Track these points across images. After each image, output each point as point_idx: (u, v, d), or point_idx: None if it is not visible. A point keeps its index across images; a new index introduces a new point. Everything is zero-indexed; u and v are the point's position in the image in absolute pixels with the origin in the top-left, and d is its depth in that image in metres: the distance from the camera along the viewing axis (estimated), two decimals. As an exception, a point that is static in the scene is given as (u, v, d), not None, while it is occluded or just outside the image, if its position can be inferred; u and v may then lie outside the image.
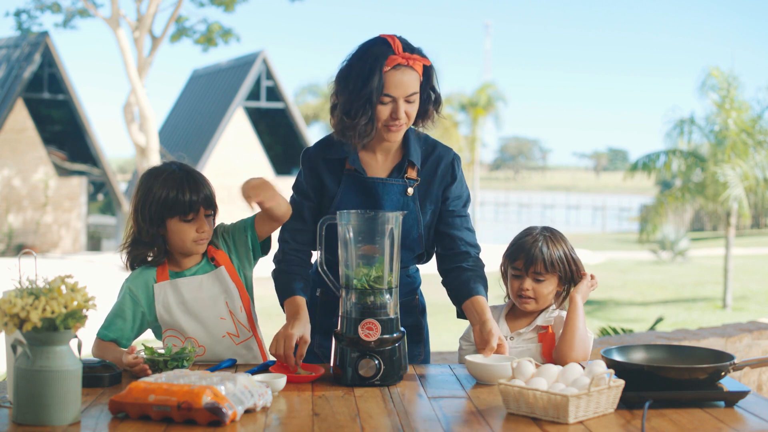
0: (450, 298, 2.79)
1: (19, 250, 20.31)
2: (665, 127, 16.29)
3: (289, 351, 2.47)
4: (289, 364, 2.47)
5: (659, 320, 7.12)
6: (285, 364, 2.49)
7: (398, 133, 2.65)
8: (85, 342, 2.16)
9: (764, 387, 4.92)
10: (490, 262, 2.88)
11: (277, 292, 2.70)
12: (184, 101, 28.63)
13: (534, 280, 2.71)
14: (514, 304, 2.78)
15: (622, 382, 2.14)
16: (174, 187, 2.63)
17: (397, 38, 2.59)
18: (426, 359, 2.90)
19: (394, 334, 2.41)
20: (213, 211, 2.71)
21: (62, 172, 22.27)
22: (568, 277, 2.74)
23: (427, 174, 2.75)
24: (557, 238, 2.75)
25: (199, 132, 25.61)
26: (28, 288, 1.99)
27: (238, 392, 2.06)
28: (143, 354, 2.45)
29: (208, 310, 2.69)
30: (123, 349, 2.64)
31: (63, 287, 1.99)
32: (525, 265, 2.71)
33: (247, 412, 2.09)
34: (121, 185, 25.83)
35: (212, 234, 2.73)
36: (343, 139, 2.66)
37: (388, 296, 2.42)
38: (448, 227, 2.78)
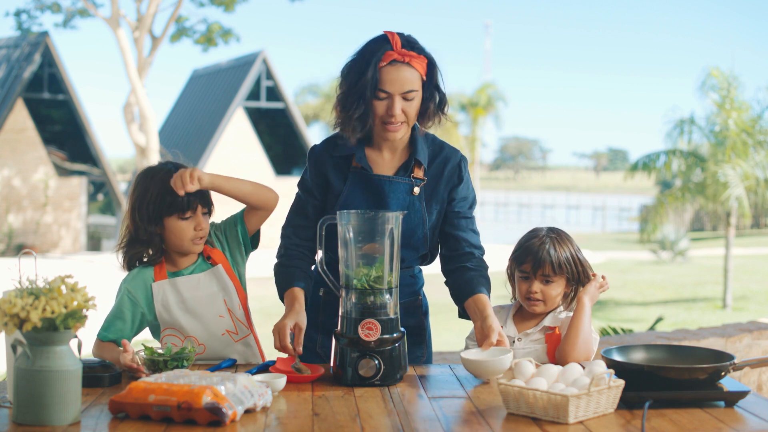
0: (452, 298, 2.79)
1: (19, 250, 20.31)
2: (665, 127, 16.30)
3: (284, 341, 2.49)
4: (288, 353, 2.49)
5: (659, 320, 7.12)
6: (285, 364, 2.50)
7: (397, 131, 2.64)
8: (85, 342, 2.16)
9: (764, 387, 4.92)
10: (490, 262, 2.87)
11: (277, 287, 2.71)
12: (184, 101, 28.61)
13: (542, 283, 2.70)
14: (521, 305, 2.78)
15: (622, 382, 2.14)
16: (171, 185, 2.63)
17: (398, 35, 2.59)
18: (428, 360, 2.89)
19: (394, 334, 2.41)
20: (209, 210, 2.72)
21: (62, 172, 22.26)
22: (575, 278, 2.73)
23: (433, 174, 2.74)
24: (564, 239, 2.74)
25: (199, 132, 25.60)
26: (28, 288, 1.99)
27: (238, 392, 2.06)
28: (143, 354, 2.45)
29: (206, 308, 2.69)
30: (121, 349, 2.65)
31: (63, 287, 1.99)
32: (533, 267, 2.69)
33: (247, 412, 2.09)
34: (121, 185, 25.83)
35: (207, 234, 2.74)
36: (340, 132, 2.68)
37: (388, 296, 2.42)
38: (454, 228, 2.78)
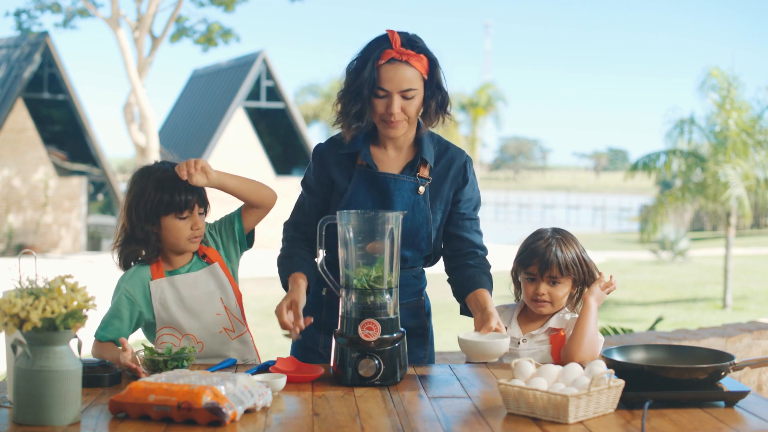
0: (454, 295, 2.79)
1: (19, 250, 20.31)
2: (665, 127, 16.31)
3: (282, 318, 2.53)
4: (288, 329, 2.54)
5: (659, 320, 7.12)
6: (285, 364, 2.50)
7: (396, 129, 2.65)
8: (85, 342, 2.16)
9: (764, 387, 4.92)
10: (490, 262, 2.86)
11: (280, 278, 2.74)
12: (184, 101, 28.61)
13: (549, 284, 2.70)
14: (525, 306, 2.78)
15: (622, 382, 2.14)
16: (169, 184, 2.65)
17: (399, 34, 2.60)
18: (430, 361, 2.88)
19: (394, 334, 2.41)
20: (205, 209, 2.73)
21: (62, 172, 22.26)
22: (581, 279, 2.73)
23: (438, 174, 2.75)
24: (569, 240, 2.74)
25: (199, 132, 25.60)
26: (28, 288, 1.99)
27: (238, 392, 2.06)
28: (143, 354, 2.45)
29: (204, 306, 2.70)
30: (120, 348, 2.65)
31: (63, 287, 1.99)
32: (540, 269, 2.69)
33: (247, 412, 2.09)
34: (121, 185, 25.78)
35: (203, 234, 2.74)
36: (339, 127, 2.70)
37: (388, 296, 2.42)
38: (458, 229, 2.79)
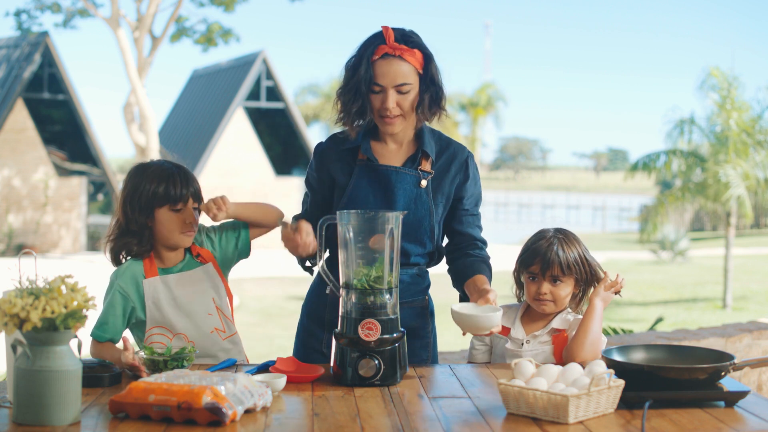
0: (454, 285, 2.81)
1: (19, 250, 20.30)
2: (665, 127, 16.31)
3: (289, 235, 2.57)
4: (304, 242, 2.57)
5: (659, 320, 7.11)
6: (285, 364, 2.49)
7: (393, 124, 2.67)
8: (85, 342, 2.16)
9: (764, 387, 4.92)
10: (491, 261, 2.86)
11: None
12: (184, 101, 28.61)
13: (551, 283, 2.70)
14: (528, 307, 2.78)
15: (622, 382, 2.14)
16: (164, 178, 2.68)
17: (393, 29, 2.63)
18: (432, 363, 2.87)
19: (394, 334, 2.41)
20: (199, 206, 2.73)
21: (62, 172, 22.26)
22: (584, 279, 2.73)
23: (440, 168, 2.77)
24: (571, 239, 2.74)
25: (199, 132, 25.59)
26: (28, 288, 1.99)
27: (238, 392, 2.06)
28: (143, 354, 2.45)
29: (197, 306, 2.70)
30: (120, 348, 2.64)
31: (63, 287, 1.99)
32: (542, 269, 2.70)
33: (247, 412, 2.09)
34: (121, 185, 25.80)
35: (197, 230, 2.75)
36: (341, 125, 2.72)
37: (388, 296, 2.42)
38: (460, 225, 2.82)
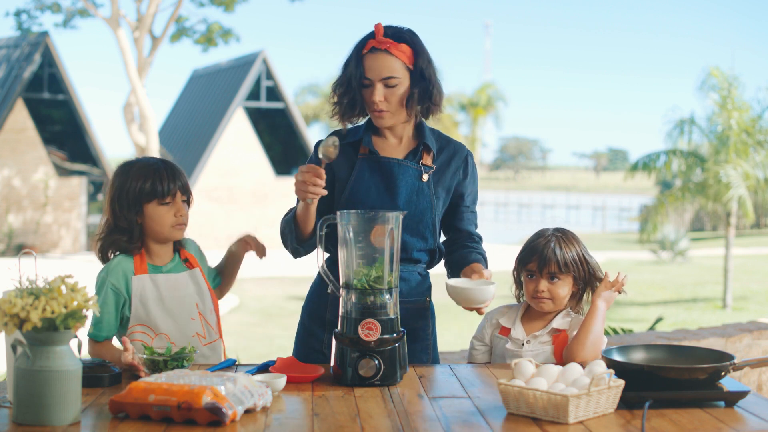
0: (450, 275, 2.82)
1: (19, 250, 20.30)
2: (665, 127, 16.32)
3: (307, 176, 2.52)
4: (316, 174, 2.52)
5: (659, 320, 7.11)
6: (285, 364, 2.49)
7: (382, 119, 2.71)
8: (85, 342, 2.17)
9: (764, 387, 4.92)
10: (490, 262, 2.87)
11: (286, 229, 2.73)
12: (184, 101, 28.61)
13: (548, 281, 2.71)
14: (529, 307, 2.78)
15: (622, 382, 2.14)
16: (151, 173, 2.67)
17: (383, 25, 2.68)
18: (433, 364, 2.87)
19: (394, 334, 2.41)
20: (188, 198, 2.74)
21: (62, 172, 22.26)
22: (582, 278, 2.74)
23: (441, 164, 2.80)
24: (570, 238, 2.75)
25: (199, 132, 25.59)
26: (28, 288, 1.99)
27: (238, 392, 2.06)
28: (143, 354, 2.45)
29: (182, 309, 2.70)
30: (117, 346, 2.64)
31: (63, 287, 1.99)
32: (539, 266, 2.71)
33: (247, 412, 2.09)
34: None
35: (187, 224, 2.75)
36: (336, 119, 2.76)
37: (388, 296, 2.42)
38: (460, 222, 2.87)
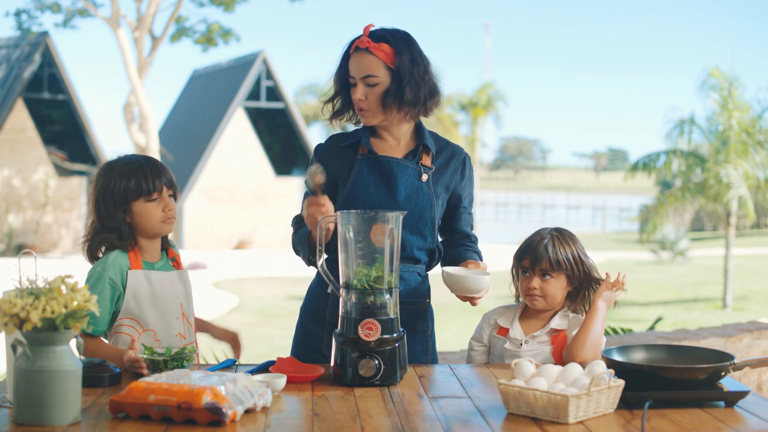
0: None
1: (19, 250, 20.30)
2: (665, 127, 16.33)
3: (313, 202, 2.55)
4: (318, 204, 2.55)
5: (659, 320, 7.11)
6: (285, 364, 2.50)
7: (365, 117, 2.74)
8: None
9: (764, 387, 4.92)
10: (490, 262, 2.89)
11: (299, 241, 2.74)
12: (184, 101, 28.61)
13: (541, 278, 2.72)
14: (527, 307, 2.79)
15: (622, 382, 2.14)
16: (134, 171, 2.65)
17: (372, 26, 2.71)
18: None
19: (394, 334, 2.41)
20: (174, 192, 2.73)
21: (62, 172, 22.27)
22: (577, 277, 2.74)
23: (440, 165, 2.82)
24: (565, 237, 2.76)
25: (199, 132, 25.60)
26: (28, 288, 1.99)
27: (238, 392, 2.06)
28: (143, 354, 2.45)
29: (169, 307, 2.70)
30: (106, 342, 2.64)
31: (63, 287, 1.99)
32: (531, 263, 2.73)
33: (247, 412, 2.09)
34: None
35: (175, 218, 2.74)
36: (331, 116, 2.81)
37: (388, 296, 2.42)
38: (458, 222, 2.90)
